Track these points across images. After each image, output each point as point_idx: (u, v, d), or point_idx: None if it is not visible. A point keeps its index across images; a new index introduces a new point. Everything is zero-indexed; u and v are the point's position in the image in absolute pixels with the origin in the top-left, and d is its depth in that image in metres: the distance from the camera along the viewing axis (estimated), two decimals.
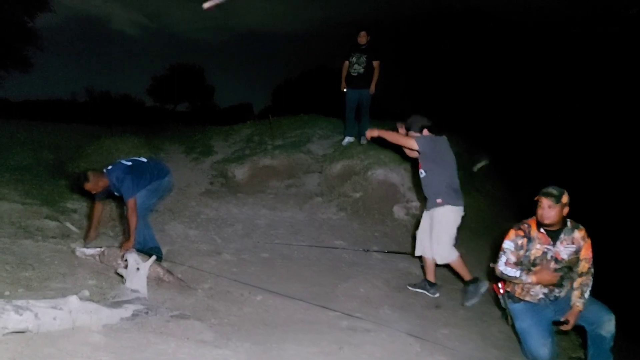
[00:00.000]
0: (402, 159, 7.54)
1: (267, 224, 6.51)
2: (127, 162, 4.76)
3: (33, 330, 2.67)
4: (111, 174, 4.57)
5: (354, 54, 7.98)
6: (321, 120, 10.21)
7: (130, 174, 4.58)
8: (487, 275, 5.57)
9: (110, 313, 3.21)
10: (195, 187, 7.82)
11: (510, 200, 8.77)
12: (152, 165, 4.99)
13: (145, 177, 4.75)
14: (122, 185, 4.54)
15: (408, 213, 6.83)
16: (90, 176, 4.49)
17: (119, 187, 4.58)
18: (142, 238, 4.74)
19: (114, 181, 4.56)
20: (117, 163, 4.75)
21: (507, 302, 3.91)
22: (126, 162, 4.76)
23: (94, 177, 4.51)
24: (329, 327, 3.87)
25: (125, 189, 4.53)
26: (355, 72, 7.96)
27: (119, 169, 4.61)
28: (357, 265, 5.43)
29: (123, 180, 4.53)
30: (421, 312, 4.46)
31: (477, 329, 4.29)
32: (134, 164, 4.77)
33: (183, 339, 3.17)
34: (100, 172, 4.57)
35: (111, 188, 4.64)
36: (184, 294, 4.21)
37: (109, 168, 4.63)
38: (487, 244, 6.57)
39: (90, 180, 4.48)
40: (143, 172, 4.75)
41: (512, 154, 11.73)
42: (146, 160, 5.01)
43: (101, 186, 4.56)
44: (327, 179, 7.70)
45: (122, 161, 4.79)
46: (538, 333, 3.70)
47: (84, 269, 4.34)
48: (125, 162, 4.76)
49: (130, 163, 4.76)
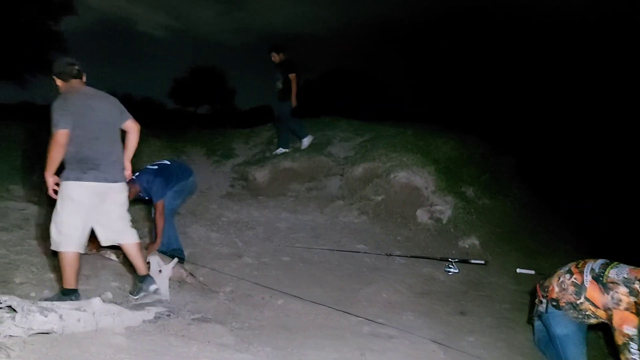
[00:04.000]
0: (426, 161, 7.47)
1: (288, 227, 6.48)
2: (153, 166, 4.86)
3: (58, 331, 2.69)
4: (141, 179, 4.62)
5: (273, 71, 8.58)
6: (342, 122, 10.15)
7: (159, 177, 4.69)
8: (513, 280, 5.48)
9: (133, 315, 3.22)
10: (216, 190, 7.85)
11: (538, 204, 8.61)
12: (177, 167, 5.10)
13: (172, 178, 4.87)
14: (151, 188, 4.64)
15: (432, 217, 6.72)
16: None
17: (149, 190, 4.67)
18: (166, 240, 4.80)
19: (144, 185, 4.63)
20: (143, 169, 4.83)
21: (549, 308, 3.78)
22: (152, 167, 4.86)
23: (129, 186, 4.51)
24: (350, 332, 3.82)
25: (155, 191, 4.64)
26: (277, 88, 8.53)
27: (147, 173, 4.70)
28: (379, 270, 5.36)
29: (153, 183, 4.64)
30: (446, 318, 4.37)
31: (504, 336, 4.18)
32: (160, 167, 4.88)
33: (204, 343, 3.16)
34: (131, 181, 4.57)
35: (141, 193, 4.69)
36: (205, 297, 4.21)
37: (136, 174, 4.65)
38: (513, 248, 6.45)
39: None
40: (170, 174, 4.86)
41: (539, 156, 11.52)
42: (170, 163, 5.09)
43: (134, 193, 4.56)
44: (349, 181, 7.64)
45: (148, 166, 4.89)
46: (579, 342, 3.63)
47: (107, 271, 4.38)
48: (151, 167, 4.86)
49: (156, 166, 4.86)
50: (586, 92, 16.58)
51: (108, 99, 3.80)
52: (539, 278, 4.40)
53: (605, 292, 3.40)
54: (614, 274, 3.39)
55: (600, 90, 16.20)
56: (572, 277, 3.64)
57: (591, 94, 16.40)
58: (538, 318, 3.97)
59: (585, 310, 3.56)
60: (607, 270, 3.45)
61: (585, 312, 3.57)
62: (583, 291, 3.53)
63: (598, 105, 15.81)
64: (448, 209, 6.76)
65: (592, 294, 3.49)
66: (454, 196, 7.00)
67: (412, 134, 8.75)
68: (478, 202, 7.39)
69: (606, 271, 3.45)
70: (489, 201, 7.54)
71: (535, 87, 17.95)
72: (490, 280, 5.49)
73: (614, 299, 3.35)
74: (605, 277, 3.42)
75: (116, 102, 3.82)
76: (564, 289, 3.65)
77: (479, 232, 6.54)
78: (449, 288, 5.14)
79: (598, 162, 12.47)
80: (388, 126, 9.56)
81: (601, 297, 3.43)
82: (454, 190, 7.19)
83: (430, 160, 7.64)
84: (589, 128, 14.98)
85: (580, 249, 7.12)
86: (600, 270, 3.49)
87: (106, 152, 3.67)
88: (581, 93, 16.71)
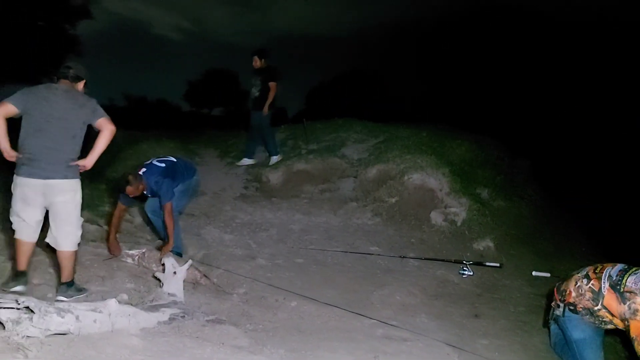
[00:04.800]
0: (440, 163, 7.43)
1: (302, 229, 6.49)
2: (161, 164, 4.80)
3: (74, 332, 2.72)
4: (149, 178, 4.60)
5: (252, 77, 8.27)
6: (356, 123, 10.13)
7: (167, 177, 4.66)
8: (528, 283, 5.42)
9: (148, 317, 3.24)
10: (229, 192, 7.88)
11: (554, 206, 8.51)
12: (182, 165, 5.07)
13: (178, 177, 4.86)
14: (159, 189, 4.60)
15: (446, 219, 6.68)
16: (131, 180, 4.49)
17: (157, 191, 4.64)
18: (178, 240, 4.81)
19: (152, 185, 4.61)
20: (150, 165, 4.77)
21: (566, 312, 3.73)
22: (159, 164, 4.80)
23: (135, 180, 4.51)
24: (364, 335, 3.81)
25: (164, 192, 4.60)
26: (253, 95, 8.27)
27: (155, 173, 4.66)
28: (392, 272, 5.34)
29: (161, 184, 4.59)
30: (460, 321, 4.34)
31: (519, 339, 4.15)
32: (168, 165, 4.82)
33: (218, 344, 3.18)
34: (139, 176, 4.59)
35: (145, 191, 4.68)
36: (219, 299, 4.23)
37: (144, 170, 4.65)
38: (529, 251, 6.38)
39: (132, 183, 4.48)
40: (176, 173, 4.85)
41: (554, 158, 11.39)
42: (176, 160, 5.04)
43: (141, 189, 4.57)
44: (362, 183, 7.63)
45: (155, 162, 4.82)
46: (596, 346, 3.59)
47: (122, 272, 4.42)
48: (158, 164, 4.80)
49: (164, 165, 4.80)
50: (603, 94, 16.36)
51: (74, 98, 3.63)
52: (554, 281, 4.35)
53: (622, 302, 3.34)
54: (632, 283, 3.32)
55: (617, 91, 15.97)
56: (589, 282, 3.59)
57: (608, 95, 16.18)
58: (554, 321, 3.93)
59: (603, 317, 3.51)
60: (625, 278, 3.38)
61: (603, 318, 3.52)
62: (600, 298, 3.48)
63: (614, 107, 15.59)
64: (462, 211, 6.71)
65: (610, 302, 3.43)
66: (468, 198, 6.95)
67: (427, 135, 8.72)
68: (493, 204, 7.33)
69: (624, 279, 3.38)
70: (503, 203, 7.47)
71: (551, 88, 17.73)
72: (504, 282, 5.44)
73: (631, 309, 3.29)
74: (622, 286, 3.36)
75: (87, 103, 3.65)
76: (581, 294, 3.60)
77: (493, 234, 6.48)
78: (463, 291, 5.11)
79: (614, 164, 12.30)
80: (402, 128, 9.51)
81: (618, 306, 3.36)
82: (468, 192, 7.14)
83: (444, 162, 7.60)
84: (605, 130, 14.78)
85: (595, 251, 7.04)
86: (618, 278, 3.42)
87: (49, 148, 3.51)
88: (598, 94, 16.49)
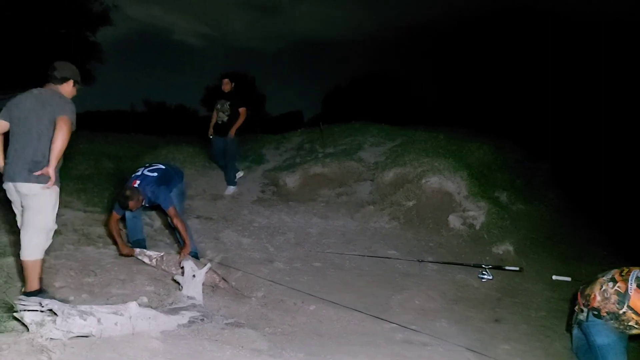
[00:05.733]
0: (458, 166, 7.37)
1: (319, 233, 6.49)
2: (153, 174, 4.82)
3: (96, 334, 2.75)
4: (145, 188, 4.64)
5: (218, 101, 7.86)
6: (372, 127, 10.13)
7: (162, 185, 4.73)
8: (549, 287, 5.34)
9: (168, 319, 3.26)
10: (247, 195, 7.92)
11: (575, 209, 8.39)
12: (172, 170, 5.14)
13: (172, 183, 4.95)
14: (157, 197, 4.67)
15: (465, 223, 6.62)
16: (131, 194, 4.52)
17: (155, 200, 4.69)
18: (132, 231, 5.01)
19: (149, 195, 4.66)
20: (143, 176, 4.76)
21: (590, 317, 3.67)
22: (151, 174, 4.82)
23: (134, 194, 4.54)
24: (384, 339, 3.78)
25: (163, 199, 4.67)
26: (220, 120, 7.82)
27: (150, 182, 4.69)
28: (411, 276, 5.30)
29: (158, 193, 4.66)
30: (480, 326, 4.29)
31: (540, 344, 4.09)
32: (159, 174, 4.85)
33: (238, 347, 3.18)
34: (135, 189, 4.60)
35: (144, 203, 4.72)
36: (238, 302, 4.24)
37: (138, 183, 4.66)
38: (550, 255, 6.30)
39: (133, 198, 4.52)
40: (170, 179, 4.93)
41: (574, 161, 11.22)
42: (165, 167, 5.06)
43: (141, 201, 4.62)
44: (379, 187, 7.60)
45: (146, 172, 4.83)
46: (619, 351, 3.52)
47: (142, 275, 4.46)
48: (150, 174, 4.81)
49: (156, 174, 4.83)
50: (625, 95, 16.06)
51: (40, 98, 3.51)
52: (575, 285, 4.28)
53: None
54: None
55: None
56: (615, 285, 3.52)
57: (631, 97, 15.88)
58: (577, 326, 3.86)
59: (628, 320, 3.44)
60: None
61: (628, 322, 3.45)
62: (626, 300, 3.42)
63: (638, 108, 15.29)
64: (481, 215, 6.64)
65: (636, 302, 3.37)
66: (487, 201, 6.88)
67: (444, 138, 8.67)
68: (512, 207, 7.25)
69: None
70: (523, 206, 7.39)
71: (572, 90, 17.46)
72: (525, 287, 5.37)
73: None
74: None
75: (52, 101, 3.48)
76: (606, 298, 3.54)
77: (513, 238, 6.41)
78: (483, 295, 5.06)
79: (636, 167, 12.07)
80: (420, 131, 9.49)
81: None
82: (487, 195, 7.07)
83: (462, 165, 7.54)
84: (626, 132, 14.52)
85: (617, 255, 6.91)
86: None
87: (16, 150, 3.44)
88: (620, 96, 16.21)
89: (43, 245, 3.52)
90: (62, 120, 3.38)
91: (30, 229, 3.47)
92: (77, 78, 3.73)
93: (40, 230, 3.49)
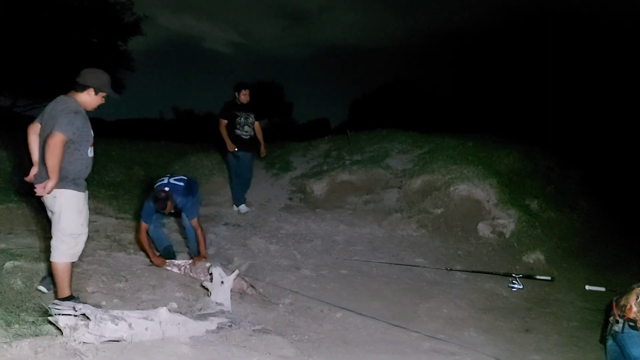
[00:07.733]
0: (487, 173, 7.28)
1: (346, 240, 6.48)
2: (180, 183, 4.94)
3: (127, 339, 2.81)
4: (175, 197, 4.78)
5: (239, 113, 7.14)
6: (400, 134, 10.07)
7: (189, 196, 4.90)
8: (581, 297, 5.21)
9: (197, 325, 3.30)
10: (274, 203, 7.97)
11: (607, 217, 8.17)
12: (192, 181, 5.26)
13: (194, 193, 5.06)
14: (184, 206, 4.86)
15: (494, 231, 6.52)
16: (169, 197, 4.69)
17: (181, 208, 4.88)
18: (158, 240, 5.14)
19: (177, 202, 4.80)
20: (170, 184, 4.86)
21: (625, 328, 3.57)
22: (179, 183, 4.93)
23: (170, 198, 4.71)
24: (411, 348, 3.75)
25: (189, 210, 4.88)
26: (247, 134, 7.20)
27: (178, 191, 4.83)
28: (439, 285, 5.25)
29: (186, 202, 4.85)
30: (510, 335, 4.22)
31: (572, 355, 3.98)
32: (185, 184, 4.97)
33: (265, 354, 3.20)
34: (168, 196, 4.73)
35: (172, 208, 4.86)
36: (265, 309, 4.27)
37: (167, 190, 4.76)
38: (582, 264, 6.15)
39: (170, 199, 4.70)
40: (194, 190, 5.07)
41: (607, 168, 10.94)
42: (187, 178, 5.17)
43: (172, 206, 4.78)
44: (407, 194, 7.56)
45: (172, 181, 4.92)
46: None
47: (172, 281, 4.54)
48: (177, 183, 4.92)
49: (182, 183, 4.95)
50: None
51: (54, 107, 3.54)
52: (609, 295, 4.17)
53: None
54: None
55: None
56: None
57: None
58: (612, 337, 3.76)
59: None
60: None
61: None
62: None
63: None
64: (511, 223, 6.53)
65: None
66: (517, 209, 6.76)
67: (473, 145, 8.57)
68: (543, 215, 7.11)
69: None
70: (554, 214, 7.23)
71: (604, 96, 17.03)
72: (556, 297, 5.26)
73: None
74: None
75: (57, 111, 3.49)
76: None
77: (544, 246, 6.28)
78: (513, 304, 4.97)
79: None
80: (447, 138, 9.39)
81: None
82: (517, 203, 6.95)
83: (492, 172, 7.44)
84: None
85: None
86: None
87: (40, 155, 3.56)
88: None
89: (71, 250, 3.57)
90: (50, 137, 3.36)
91: (55, 232, 3.54)
92: (100, 86, 3.69)
93: (65, 234, 3.52)
